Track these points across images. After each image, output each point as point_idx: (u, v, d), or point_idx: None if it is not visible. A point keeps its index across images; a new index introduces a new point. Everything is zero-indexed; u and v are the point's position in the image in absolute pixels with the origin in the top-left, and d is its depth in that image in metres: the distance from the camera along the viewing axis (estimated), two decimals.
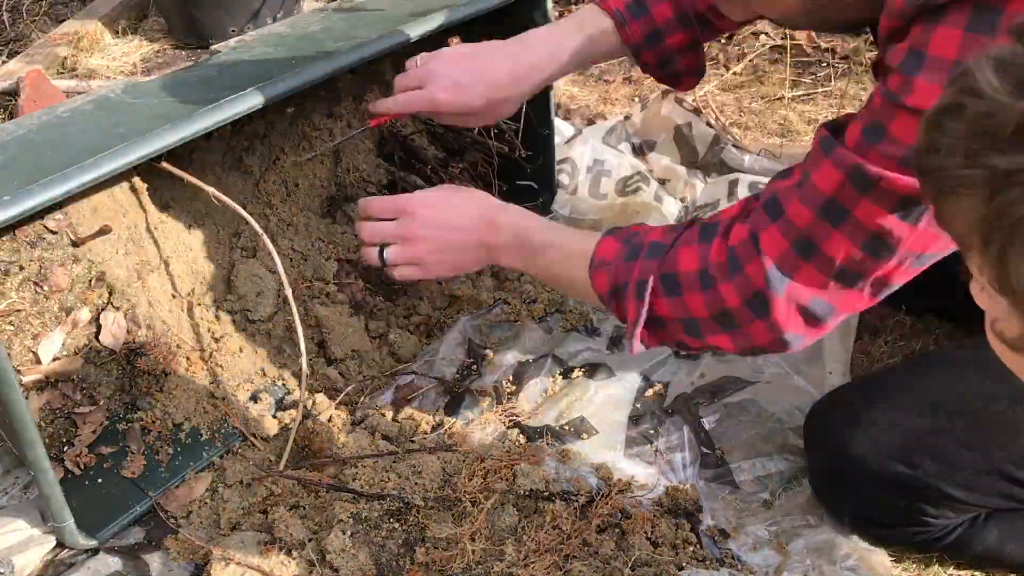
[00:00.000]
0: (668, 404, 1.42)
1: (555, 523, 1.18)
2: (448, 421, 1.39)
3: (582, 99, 2.41)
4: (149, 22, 2.96)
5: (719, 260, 1.01)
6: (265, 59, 1.31)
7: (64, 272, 1.21)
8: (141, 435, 1.31)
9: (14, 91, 2.29)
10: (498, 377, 1.48)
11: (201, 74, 1.29)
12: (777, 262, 0.96)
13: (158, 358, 1.31)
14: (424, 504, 1.20)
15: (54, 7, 3.10)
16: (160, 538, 1.23)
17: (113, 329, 1.27)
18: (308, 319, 1.50)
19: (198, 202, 1.41)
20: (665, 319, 1.06)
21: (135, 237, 1.32)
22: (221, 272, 1.45)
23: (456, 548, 1.14)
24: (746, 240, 0.99)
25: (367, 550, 1.15)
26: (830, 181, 0.91)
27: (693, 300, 1.03)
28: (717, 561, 1.18)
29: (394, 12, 1.46)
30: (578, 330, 1.59)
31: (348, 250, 1.55)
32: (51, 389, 1.23)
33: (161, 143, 1.12)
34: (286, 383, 1.46)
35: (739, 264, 0.99)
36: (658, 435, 1.37)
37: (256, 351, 1.46)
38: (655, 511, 1.23)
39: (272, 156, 1.49)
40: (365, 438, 1.34)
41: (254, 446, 1.37)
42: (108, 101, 1.25)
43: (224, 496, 1.29)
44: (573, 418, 1.39)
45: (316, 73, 1.26)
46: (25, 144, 1.14)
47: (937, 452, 1.09)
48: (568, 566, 1.13)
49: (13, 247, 1.15)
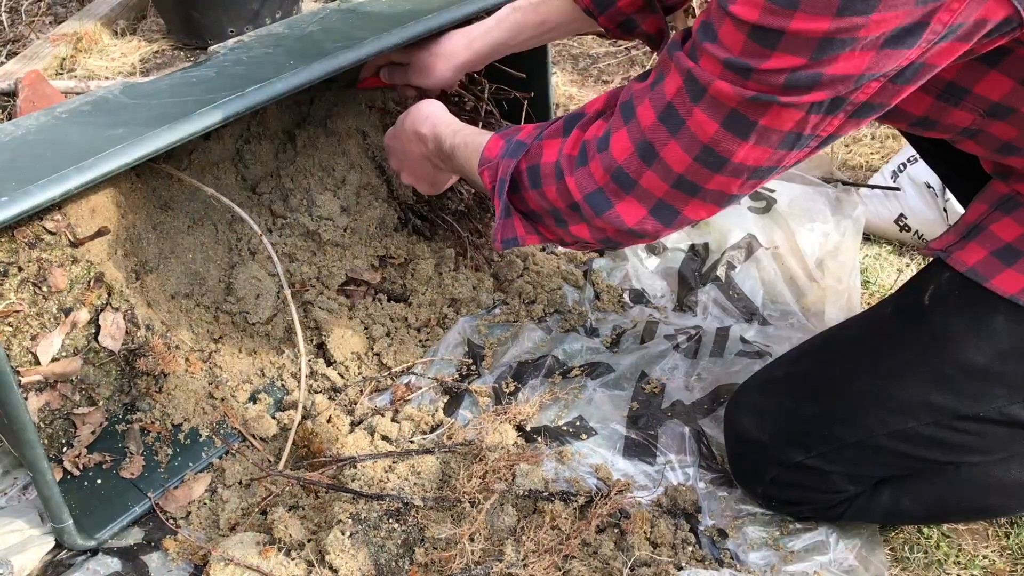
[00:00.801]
0: (666, 407, 1.42)
1: (554, 523, 1.18)
2: (447, 421, 1.39)
3: (582, 99, 2.41)
4: (148, 23, 2.96)
5: (571, 152, 1.04)
6: (264, 60, 1.31)
7: (63, 273, 1.21)
8: (140, 436, 1.31)
9: (12, 92, 2.29)
10: (497, 377, 1.48)
11: (200, 75, 1.29)
12: (623, 163, 0.98)
13: (157, 359, 1.31)
14: (423, 504, 1.20)
15: (53, 8, 3.10)
16: (159, 539, 1.23)
17: (112, 330, 1.27)
18: (307, 321, 1.51)
19: (197, 203, 1.41)
20: (537, 212, 1.10)
21: (134, 238, 1.32)
22: (220, 273, 1.45)
23: (455, 548, 1.14)
24: (600, 137, 1.01)
25: (366, 550, 1.15)
26: (672, 85, 0.92)
27: (550, 190, 1.06)
28: (716, 561, 1.18)
29: (393, 12, 1.46)
30: (577, 330, 1.60)
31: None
32: (50, 390, 1.23)
33: (159, 144, 1.12)
34: (285, 384, 1.46)
35: (586, 159, 1.02)
36: (657, 435, 1.37)
37: (255, 352, 1.46)
38: (654, 511, 1.23)
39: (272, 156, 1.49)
40: (364, 438, 1.34)
41: (253, 447, 1.37)
42: (106, 102, 1.25)
43: (223, 497, 1.29)
44: (572, 418, 1.39)
45: (314, 74, 1.26)
46: (23, 145, 1.14)
47: (825, 433, 1.16)
48: (567, 566, 1.14)
49: (12, 248, 1.15)
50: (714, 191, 0.95)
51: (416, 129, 1.29)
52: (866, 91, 0.83)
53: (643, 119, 0.95)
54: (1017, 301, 1.03)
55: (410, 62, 1.45)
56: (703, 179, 0.93)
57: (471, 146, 1.18)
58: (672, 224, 1.00)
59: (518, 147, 1.11)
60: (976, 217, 1.09)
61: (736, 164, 0.91)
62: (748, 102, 0.85)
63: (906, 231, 1.86)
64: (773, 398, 1.22)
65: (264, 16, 2.73)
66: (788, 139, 0.88)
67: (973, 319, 1.07)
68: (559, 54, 2.77)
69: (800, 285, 1.69)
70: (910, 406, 1.10)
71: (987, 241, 1.07)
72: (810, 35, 0.78)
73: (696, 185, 0.94)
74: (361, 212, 1.56)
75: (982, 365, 1.06)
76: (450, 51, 1.42)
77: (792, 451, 1.17)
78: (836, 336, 1.25)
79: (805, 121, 0.86)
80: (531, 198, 1.09)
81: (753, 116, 0.86)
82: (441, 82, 1.46)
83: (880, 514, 1.21)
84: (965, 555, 1.24)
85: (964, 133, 1.04)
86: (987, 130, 1.01)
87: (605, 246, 1.12)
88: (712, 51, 0.86)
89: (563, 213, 1.07)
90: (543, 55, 1.67)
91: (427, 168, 1.33)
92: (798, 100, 0.83)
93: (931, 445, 1.11)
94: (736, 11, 0.82)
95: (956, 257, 1.09)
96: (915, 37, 0.79)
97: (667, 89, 0.92)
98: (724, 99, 0.86)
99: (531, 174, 1.09)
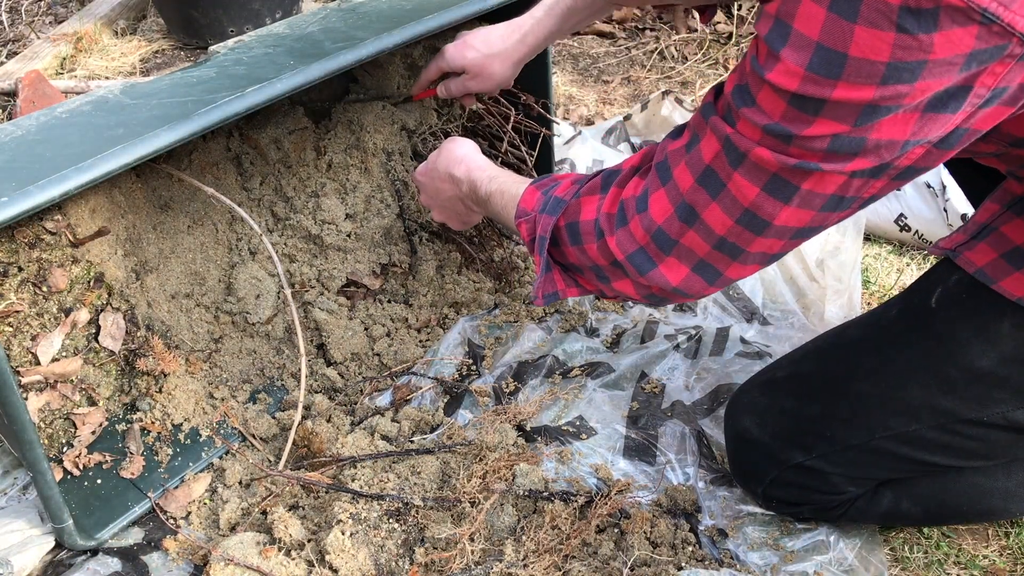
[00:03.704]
0: (666, 407, 1.42)
1: (554, 523, 1.18)
2: (447, 421, 1.39)
3: (581, 99, 2.41)
4: (148, 23, 2.96)
5: (610, 211, 1.05)
6: (264, 60, 1.31)
7: (63, 273, 1.21)
8: (140, 436, 1.31)
9: (12, 92, 2.29)
10: (497, 377, 1.48)
11: (200, 75, 1.29)
12: (664, 224, 0.98)
13: (157, 359, 1.31)
14: (423, 504, 1.20)
15: (53, 8, 3.10)
16: (159, 539, 1.23)
17: (112, 330, 1.27)
18: (307, 322, 1.51)
19: (197, 203, 1.41)
20: (577, 266, 1.11)
21: (134, 238, 1.32)
22: (220, 273, 1.45)
23: (455, 548, 1.14)
24: (639, 197, 1.01)
25: (366, 550, 1.15)
26: (709, 149, 0.91)
27: (590, 248, 1.07)
28: (716, 561, 1.18)
29: (393, 12, 1.46)
30: (577, 330, 1.60)
31: None
32: (50, 390, 1.23)
33: (159, 144, 1.11)
34: (285, 384, 1.46)
35: (625, 219, 1.02)
36: (657, 435, 1.37)
37: (255, 352, 1.46)
38: (654, 511, 1.23)
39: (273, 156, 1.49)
40: (364, 438, 1.34)
41: (253, 447, 1.37)
42: (107, 102, 1.25)
43: (223, 497, 1.29)
44: (572, 418, 1.39)
45: (314, 74, 1.26)
46: (23, 145, 1.14)
47: (827, 435, 1.15)
48: (567, 566, 1.14)
49: (12, 248, 1.15)
50: (756, 253, 0.95)
51: (450, 171, 1.30)
52: (910, 157, 0.82)
53: (681, 182, 0.95)
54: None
55: (464, 70, 1.43)
56: (745, 242, 0.93)
57: (507, 195, 1.19)
58: (715, 283, 1.00)
59: (556, 204, 1.11)
60: (988, 217, 1.09)
61: (778, 227, 0.90)
62: (790, 169, 0.84)
63: (906, 231, 1.86)
64: (775, 398, 1.21)
65: (264, 16, 2.73)
66: (831, 202, 0.87)
67: (979, 323, 1.06)
68: (559, 54, 2.77)
69: (800, 285, 1.69)
70: (913, 409, 1.09)
71: (997, 243, 1.06)
72: (853, 103, 0.77)
73: (738, 247, 0.95)
74: (368, 219, 1.56)
75: (987, 369, 1.05)
76: (504, 49, 1.41)
77: (793, 452, 1.17)
78: (841, 337, 1.24)
79: (848, 185, 0.85)
80: (571, 253, 1.10)
81: (795, 181, 0.85)
82: (502, 83, 1.45)
83: (880, 516, 1.21)
84: (965, 555, 1.24)
85: (986, 156, 1.05)
86: (1012, 153, 1.01)
87: (650, 303, 1.12)
88: (751, 116, 0.84)
89: (606, 271, 1.07)
90: (543, 55, 1.67)
91: (459, 208, 1.35)
92: (842, 168, 0.82)
93: (934, 448, 1.11)
94: (774, 80, 0.80)
95: (966, 257, 1.08)
96: (959, 101, 0.78)
97: (704, 153, 0.92)
98: (765, 165, 0.86)
99: (570, 231, 1.09)
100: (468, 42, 1.42)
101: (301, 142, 1.51)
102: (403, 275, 1.61)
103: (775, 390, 1.23)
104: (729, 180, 0.90)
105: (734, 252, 0.95)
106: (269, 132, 1.47)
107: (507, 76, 1.43)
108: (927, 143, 0.81)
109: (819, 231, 0.93)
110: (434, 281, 1.62)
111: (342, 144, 1.54)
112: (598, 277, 1.09)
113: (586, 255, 1.08)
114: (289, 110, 1.50)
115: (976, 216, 1.11)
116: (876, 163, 0.82)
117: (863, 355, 1.16)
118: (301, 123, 1.51)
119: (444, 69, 1.46)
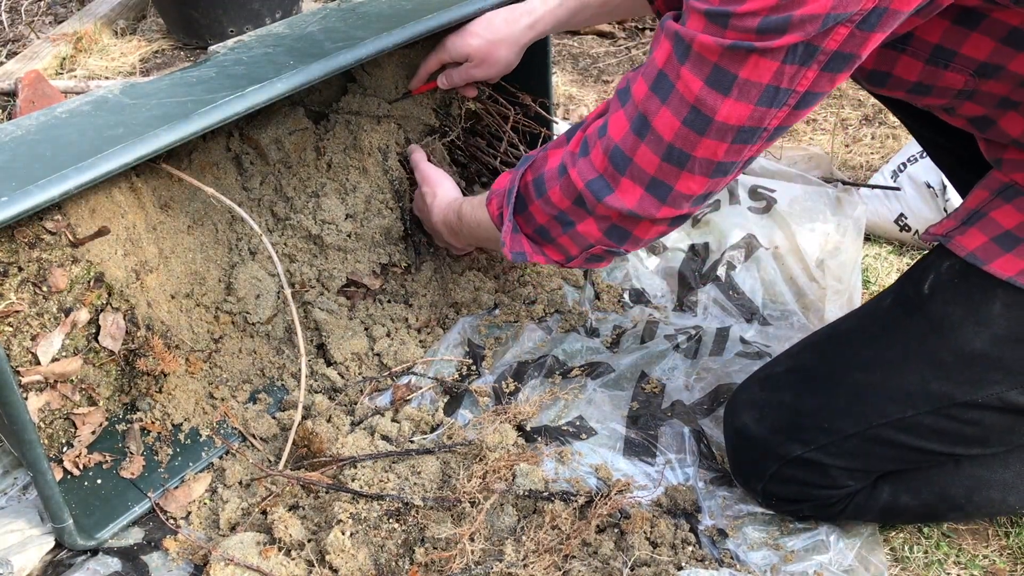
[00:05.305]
0: (666, 406, 1.42)
1: (554, 523, 1.18)
2: (447, 421, 1.39)
3: (582, 99, 2.41)
4: (148, 23, 2.96)
5: (573, 150, 1.08)
6: (264, 60, 1.31)
7: (63, 273, 1.21)
8: (140, 436, 1.31)
9: (12, 92, 2.29)
10: (497, 377, 1.48)
11: (200, 75, 1.29)
12: (620, 142, 1.01)
13: (157, 359, 1.31)
14: (423, 504, 1.20)
15: (53, 8, 3.10)
16: (159, 539, 1.23)
17: (112, 330, 1.27)
18: (307, 322, 1.51)
19: (197, 203, 1.41)
20: (544, 227, 1.13)
21: (134, 238, 1.31)
22: (220, 273, 1.45)
23: (455, 548, 1.14)
24: (600, 127, 1.05)
25: (366, 550, 1.15)
26: (662, 53, 0.95)
27: (554, 192, 1.09)
28: (716, 561, 1.18)
29: (393, 12, 1.46)
30: (577, 330, 1.60)
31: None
32: (50, 390, 1.23)
33: (159, 143, 1.11)
34: (285, 384, 1.46)
35: (587, 149, 1.06)
36: (657, 435, 1.37)
37: (255, 352, 1.46)
38: (654, 511, 1.23)
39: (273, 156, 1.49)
40: (364, 438, 1.34)
41: (253, 447, 1.37)
42: (106, 102, 1.25)
43: (223, 497, 1.29)
44: (572, 418, 1.39)
45: (314, 73, 1.26)
46: (23, 145, 1.14)
47: (824, 426, 1.16)
48: (567, 566, 1.14)
49: (12, 248, 1.15)
50: (702, 159, 0.97)
51: (446, 219, 1.42)
52: (836, 38, 0.86)
53: (637, 94, 0.99)
54: (1015, 283, 1.03)
55: (468, 58, 1.44)
56: (690, 145, 0.96)
57: (478, 198, 1.27)
58: (667, 201, 1.02)
59: (523, 161, 1.15)
60: (977, 203, 1.10)
61: (720, 123, 0.93)
62: (728, 52, 0.88)
63: (906, 231, 1.86)
64: (773, 393, 1.22)
65: (264, 16, 2.73)
66: (767, 94, 0.90)
67: (971, 305, 1.07)
68: (559, 54, 2.77)
69: (800, 285, 1.69)
70: (909, 394, 1.10)
71: (987, 227, 1.08)
72: None
73: (684, 153, 0.97)
74: (369, 219, 1.56)
75: (980, 350, 1.06)
76: (510, 34, 1.42)
77: (791, 445, 1.17)
78: (836, 329, 1.25)
79: (781, 73, 0.88)
80: (537, 210, 1.12)
81: (733, 69, 0.89)
82: (506, 69, 1.45)
83: (879, 511, 1.21)
84: (965, 555, 1.24)
85: (960, 96, 1.05)
86: (981, 89, 1.03)
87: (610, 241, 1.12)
88: (695, 5, 0.90)
89: (568, 213, 1.09)
90: (543, 54, 1.67)
91: (458, 241, 1.47)
92: (772, 44, 0.86)
93: (930, 435, 1.11)
94: None
95: (957, 242, 1.09)
96: None
97: (658, 57, 0.96)
98: (707, 53, 0.90)
99: (536, 185, 1.12)
100: (469, 29, 1.43)
101: (301, 142, 1.51)
102: (403, 275, 1.61)
103: (773, 385, 1.23)
104: (678, 79, 0.93)
105: (681, 160, 0.97)
106: (269, 132, 1.47)
107: (511, 61, 1.44)
108: (848, 21, 0.84)
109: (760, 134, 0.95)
110: (434, 281, 1.62)
111: (342, 144, 1.54)
112: (563, 226, 1.11)
113: (550, 203, 1.10)
114: (289, 110, 1.50)
115: (966, 203, 1.12)
116: (803, 38, 0.85)
117: (858, 345, 1.17)
118: (301, 123, 1.51)
119: (445, 60, 1.47)
